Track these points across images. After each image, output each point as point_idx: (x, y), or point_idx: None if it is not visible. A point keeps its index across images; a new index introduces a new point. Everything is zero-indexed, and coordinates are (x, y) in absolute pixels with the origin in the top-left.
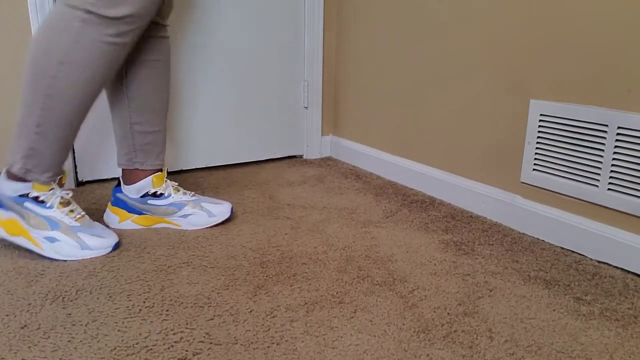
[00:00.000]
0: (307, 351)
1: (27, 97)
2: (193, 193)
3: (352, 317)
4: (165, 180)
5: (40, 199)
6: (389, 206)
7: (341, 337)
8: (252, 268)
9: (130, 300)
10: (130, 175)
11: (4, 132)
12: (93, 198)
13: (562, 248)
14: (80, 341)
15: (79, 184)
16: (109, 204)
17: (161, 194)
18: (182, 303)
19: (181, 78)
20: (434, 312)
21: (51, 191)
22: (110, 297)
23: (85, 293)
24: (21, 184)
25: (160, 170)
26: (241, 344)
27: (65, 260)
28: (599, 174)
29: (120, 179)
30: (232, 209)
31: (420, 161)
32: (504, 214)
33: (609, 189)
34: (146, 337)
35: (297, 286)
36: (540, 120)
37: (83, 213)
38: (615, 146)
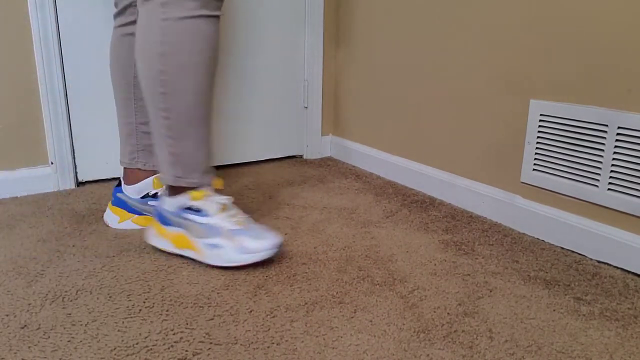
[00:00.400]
0: (307, 351)
1: (150, 105)
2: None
3: (352, 317)
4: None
5: (199, 207)
6: (389, 206)
7: (341, 337)
8: (251, 268)
9: (130, 300)
10: (132, 175)
11: (5, 132)
12: (93, 198)
13: (562, 248)
14: (80, 341)
15: (79, 184)
16: (109, 203)
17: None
18: (182, 303)
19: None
20: (434, 312)
21: (207, 198)
22: (110, 297)
23: (85, 293)
24: (180, 197)
25: None
26: (241, 344)
27: (228, 267)
28: (599, 174)
29: (121, 178)
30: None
31: (420, 161)
32: (504, 214)
33: (609, 189)
34: (146, 337)
35: (297, 286)
36: (540, 120)
37: (244, 216)
38: (615, 146)
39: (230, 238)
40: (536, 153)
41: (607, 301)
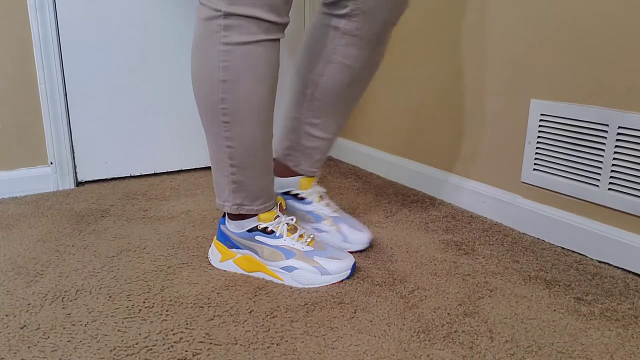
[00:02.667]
0: (307, 351)
1: (209, 131)
2: (337, 207)
3: (352, 318)
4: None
5: (269, 229)
6: (389, 206)
7: (341, 337)
8: None
9: (130, 300)
10: (278, 168)
11: (5, 132)
12: (92, 198)
13: (563, 248)
14: (80, 341)
15: (79, 183)
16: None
17: (302, 198)
18: (182, 303)
19: (182, 79)
20: (434, 312)
21: (277, 219)
22: (110, 297)
23: (85, 293)
24: (245, 221)
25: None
26: (241, 344)
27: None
28: (599, 174)
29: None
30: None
31: (420, 161)
32: (504, 214)
33: (609, 189)
34: (146, 337)
35: (297, 287)
36: (540, 120)
37: (312, 236)
38: (616, 146)
39: (306, 260)
40: (536, 153)
41: (608, 301)
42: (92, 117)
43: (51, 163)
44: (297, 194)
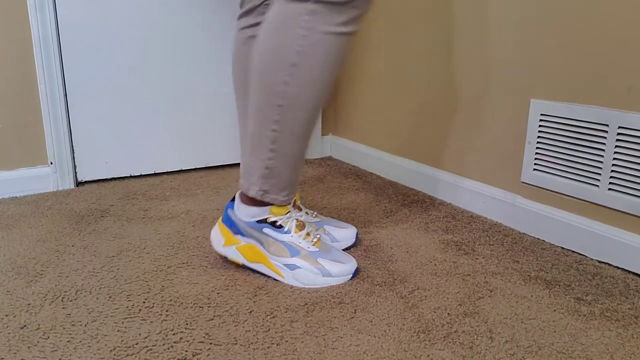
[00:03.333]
0: (307, 352)
1: (258, 111)
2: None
3: (352, 318)
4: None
5: (278, 223)
6: (389, 206)
7: (341, 337)
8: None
9: (130, 300)
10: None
11: (5, 132)
12: (92, 198)
13: (563, 248)
14: (80, 341)
15: (79, 183)
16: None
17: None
18: (182, 303)
19: (181, 78)
20: (434, 312)
21: (288, 214)
22: (110, 297)
23: (85, 293)
24: (259, 208)
25: None
26: (241, 345)
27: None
28: (599, 174)
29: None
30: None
31: (420, 161)
32: (504, 214)
33: (609, 189)
34: (146, 338)
35: (296, 287)
36: (540, 120)
37: (319, 236)
38: (616, 146)
39: (309, 260)
40: (537, 153)
41: (608, 301)
42: (92, 117)
43: (51, 163)
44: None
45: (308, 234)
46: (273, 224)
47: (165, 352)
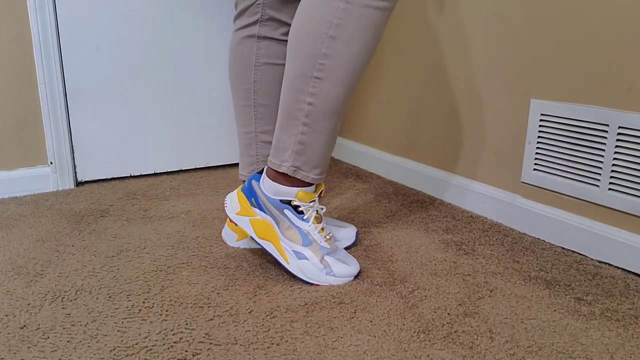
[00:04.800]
0: (307, 352)
1: (294, 83)
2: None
3: (352, 318)
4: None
5: (300, 209)
6: (389, 206)
7: (341, 337)
8: (251, 268)
9: (130, 300)
10: None
11: (5, 132)
12: (92, 198)
13: (563, 248)
14: (80, 341)
15: (78, 183)
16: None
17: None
18: (182, 303)
19: (182, 79)
20: (434, 312)
21: (312, 203)
22: (109, 297)
23: (85, 293)
24: (287, 188)
25: None
26: (241, 344)
27: (310, 283)
28: (599, 174)
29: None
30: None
31: (420, 161)
32: (504, 214)
33: (609, 189)
34: (146, 338)
35: (297, 287)
36: (540, 120)
37: (331, 234)
38: (616, 146)
39: (318, 254)
40: (537, 153)
41: (608, 301)
42: (92, 117)
43: (51, 163)
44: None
45: (323, 229)
46: (295, 208)
47: (165, 352)
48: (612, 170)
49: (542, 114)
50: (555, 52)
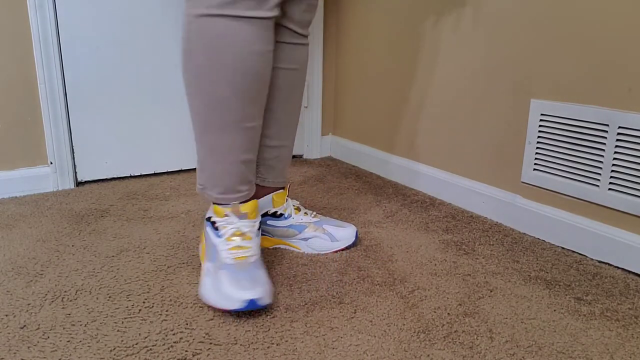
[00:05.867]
0: (307, 351)
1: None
2: (315, 213)
3: (352, 318)
4: (287, 200)
5: (279, 213)
6: (389, 206)
7: (341, 337)
8: None
9: (129, 300)
10: None
11: (5, 132)
12: (92, 198)
13: (563, 248)
14: (80, 341)
15: (78, 183)
16: None
17: (281, 215)
18: (182, 303)
19: (181, 78)
20: (434, 312)
21: (225, 219)
22: (109, 297)
23: (85, 293)
24: (212, 206)
25: (282, 188)
26: (241, 344)
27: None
28: (599, 174)
29: None
30: (357, 233)
31: (420, 161)
32: (504, 214)
33: (609, 189)
34: (146, 338)
35: (296, 287)
36: (540, 120)
37: (250, 254)
38: (616, 146)
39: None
40: (537, 153)
41: (608, 301)
42: (92, 117)
43: (51, 163)
44: (275, 212)
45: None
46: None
47: (165, 352)
48: (612, 170)
49: (542, 114)
50: (556, 52)
